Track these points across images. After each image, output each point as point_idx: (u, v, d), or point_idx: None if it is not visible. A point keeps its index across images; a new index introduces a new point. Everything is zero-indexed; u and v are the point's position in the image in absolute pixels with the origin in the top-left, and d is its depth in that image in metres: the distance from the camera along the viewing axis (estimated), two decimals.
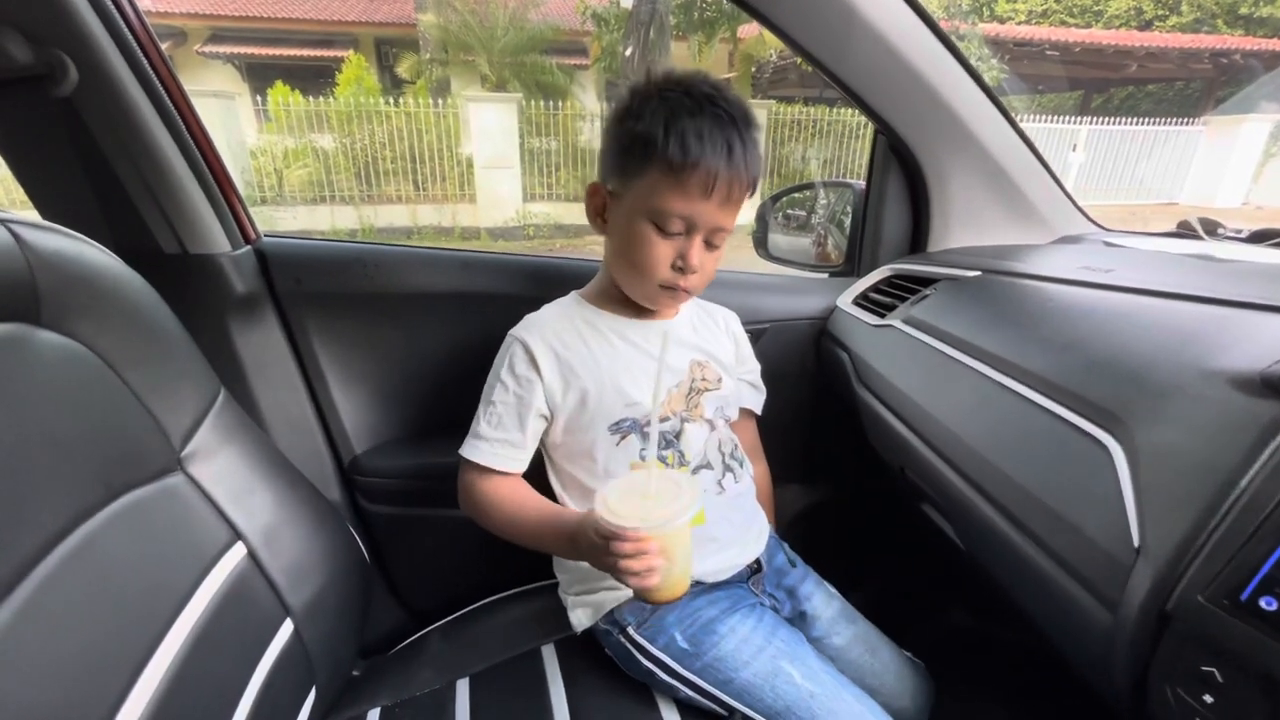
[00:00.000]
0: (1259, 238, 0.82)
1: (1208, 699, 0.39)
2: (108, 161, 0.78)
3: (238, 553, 0.60)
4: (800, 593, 0.84)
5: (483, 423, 0.76)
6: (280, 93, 7.50)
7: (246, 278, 0.90)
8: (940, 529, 0.81)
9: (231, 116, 7.31)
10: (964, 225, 1.03)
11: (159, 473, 0.56)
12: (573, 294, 0.84)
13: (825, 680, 0.69)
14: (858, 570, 1.25)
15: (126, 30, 0.75)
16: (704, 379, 0.80)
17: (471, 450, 0.76)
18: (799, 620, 0.82)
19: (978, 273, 0.83)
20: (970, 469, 0.64)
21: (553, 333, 0.77)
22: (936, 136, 0.96)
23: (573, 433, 0.77)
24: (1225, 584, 0.38)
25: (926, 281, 0.91)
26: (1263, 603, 0.36)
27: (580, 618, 0.77)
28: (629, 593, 0.73)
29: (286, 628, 0.63)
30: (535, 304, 0.81)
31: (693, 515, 0.59)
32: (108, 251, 0.55)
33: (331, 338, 0.98)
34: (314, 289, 0.96)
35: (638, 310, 0.80)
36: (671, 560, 0.59)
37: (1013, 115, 0.92)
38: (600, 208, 0.76)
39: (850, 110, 8.43)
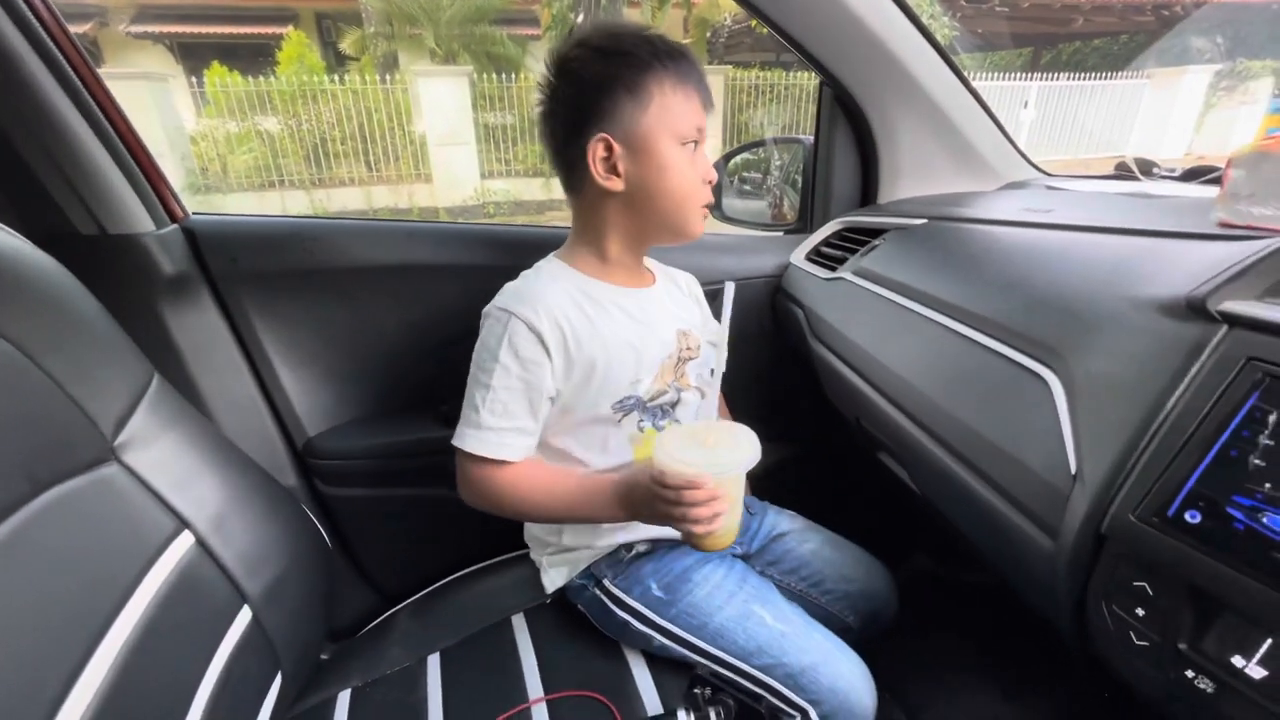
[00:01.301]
0: (1191, 175, 0.84)
1: (1140, 612, 0.41)
2: (7, 137, 0.73)
3: (185, 541, 0.58)
4: (766, 521, 0.87)
5: (483, 411, 0.68)
6: (217, 73, 7.10)
7: (175, 258, 0.86)
8: (897, 477, 0.83)
9: (165, 100, 6.88)
10: (912, 176, 1.03)
11: (91, 463, 0.53)
12: (555, 261, 0.77)
13: (795, 620, 0.72)
14: (821, 524, 1.28)
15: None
16: (688, 348, 0.79)
17: (475, 443, 0.68)
18: (774, 541, 0.86)
19: (924, 220, 0.84)
20: (921, 414, 0.65)
21: (556, 307, 0.70)
22: (882, 86, 0.96)
23: (570, 411, 0.73)
24: (1154, 502, 0.39)
25: (876, 233, 0.91)
26: (1188, 516, 0.38)
27: (555, 578, 0.77)
28: (606, 549, 0.75)
29: (244, 615, 0.61)
30: (484, 273, 0.79)
31: (755, 462, 0.60)
32: (13, 233, 0.51)
33: (274, 318, 0.95)
34: (251, 267, 0.92)
35: (631, 279, 0.77)
36: (732, 505, 0.61)
37: (959, 67, 0.92)
38: (609, 160, 0.69)
39: (807, 74, 8.39)
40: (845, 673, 0.70)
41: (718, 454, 0.60)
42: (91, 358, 0.56)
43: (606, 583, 0.73)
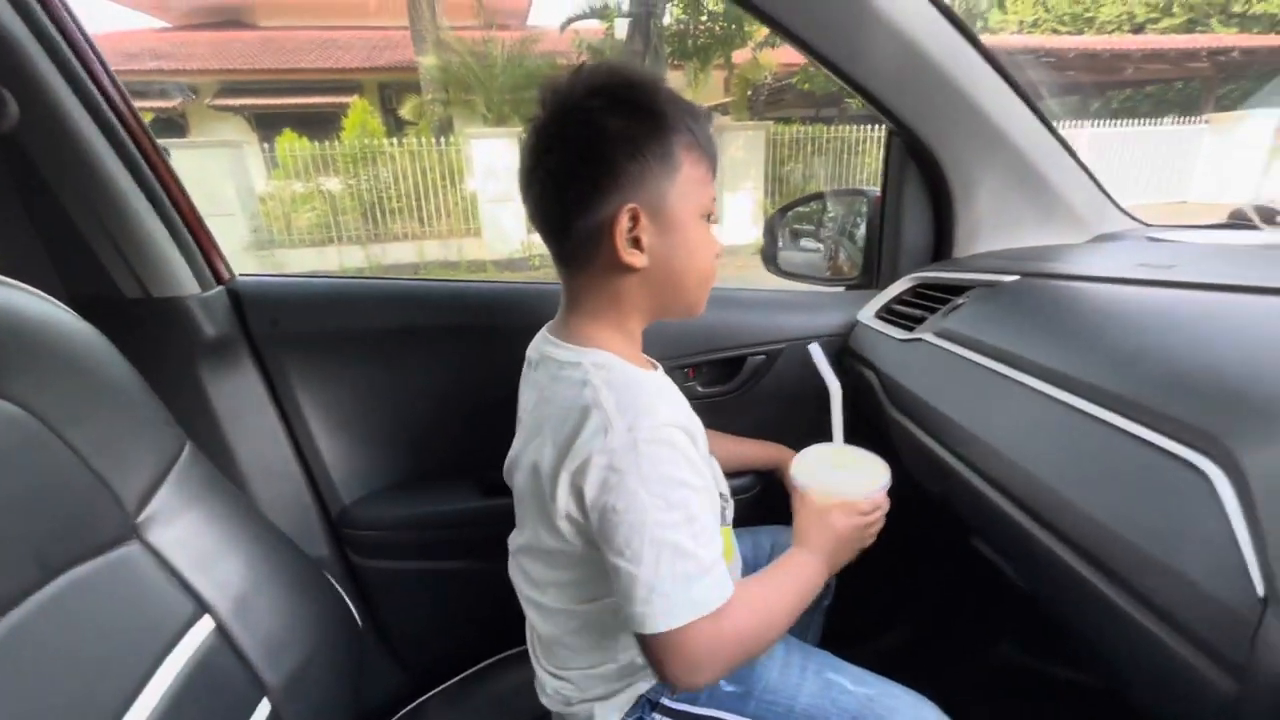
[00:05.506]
0: None
1: None
2: (57, 201, 0.73)
3: (204, 627, 0.53)
4: (779, 540, 0.86)
5: (701, 549, 0.52)
6: (288, 139, 7.63)
7: (217, 320, 0.84)
8: (993, 565, 0.72)
9: (239, 164, 7.42)
10: (992, 228, 0.95)
11: (110, 543, 0.49)
12: (601, 353, 0.60)
13: (870, 679, 0.67)
14: (892, 608, 1.16)
15: (74, 59, 0.70)
16: None
17: (716, 592, 0.52)
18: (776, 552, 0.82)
19: (1015, 277, 0.75)
20: (1031, 500, 0.56)
21: (673, 399, 0.60)
22: (959, 134, 0.89)
23: None
24: None
25: (956, 290, 0.83)
26: None
27: None
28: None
29: (264, 709, 0.56)
30: (534, 336, 0.73)
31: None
32: (48, 299, 0.49)
33: (314, 380, 0.92)
34: (293, 329, 0.90)
35: (644, 363, 0.67)
36: None
37: (1041, 109, 0.85)
38: (633, 233, 0.58)
39: (848, 128, 8.45)
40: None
41: (864, 472, 0.69)
42: (120, 428, 0.53)
43: (666, 701, 0.64)
